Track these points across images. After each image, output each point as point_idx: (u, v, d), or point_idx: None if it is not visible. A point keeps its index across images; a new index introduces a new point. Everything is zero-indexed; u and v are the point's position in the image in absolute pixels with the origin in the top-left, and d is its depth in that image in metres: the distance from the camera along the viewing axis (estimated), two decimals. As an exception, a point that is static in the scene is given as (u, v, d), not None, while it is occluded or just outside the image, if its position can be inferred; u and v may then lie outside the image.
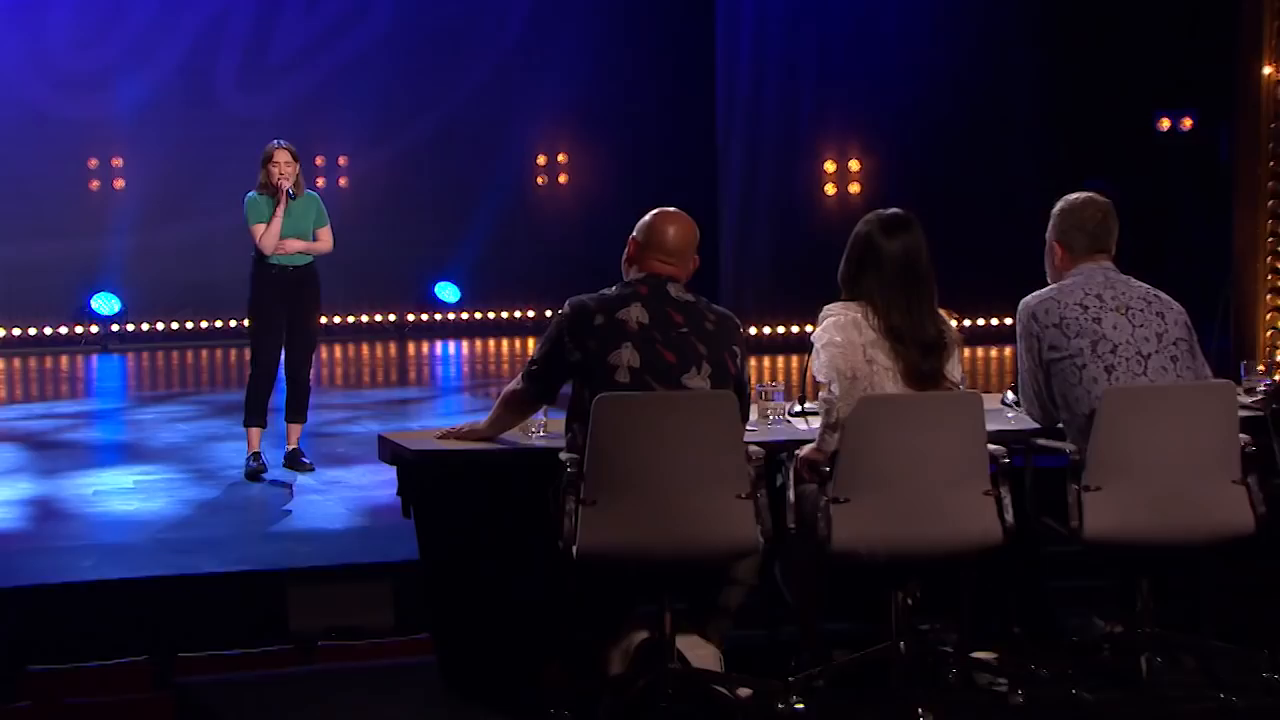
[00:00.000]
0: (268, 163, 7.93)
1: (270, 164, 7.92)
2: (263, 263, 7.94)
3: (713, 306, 4.62)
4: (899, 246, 4.64)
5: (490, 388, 12.05)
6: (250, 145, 11.34)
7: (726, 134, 14.04)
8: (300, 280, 7.97)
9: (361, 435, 9.34)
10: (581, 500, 4.37)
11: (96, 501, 7.53)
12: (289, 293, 7.93)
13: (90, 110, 14.33)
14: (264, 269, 7.95)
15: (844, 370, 4.57)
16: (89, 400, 12.12)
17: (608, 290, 4.58)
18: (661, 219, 4.64)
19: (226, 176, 13.77)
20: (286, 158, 7.92)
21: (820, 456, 4.56)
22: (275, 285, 7.92)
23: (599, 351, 4.46)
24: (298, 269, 7.96)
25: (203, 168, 14.34)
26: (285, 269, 7.93)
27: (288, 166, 7.91)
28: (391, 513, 5.96)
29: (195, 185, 14.33)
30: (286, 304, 7.93)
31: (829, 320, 4.65)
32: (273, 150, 7.95)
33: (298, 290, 7.96)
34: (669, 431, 4.35)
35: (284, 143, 7.99)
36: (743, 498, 4.41)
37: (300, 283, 7.97)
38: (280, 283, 7.92)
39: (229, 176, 13.63)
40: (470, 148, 15.32)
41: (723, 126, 14.06)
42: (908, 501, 4.47)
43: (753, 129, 13.95)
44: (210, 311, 14.75)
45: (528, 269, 15.42)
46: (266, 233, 7.87)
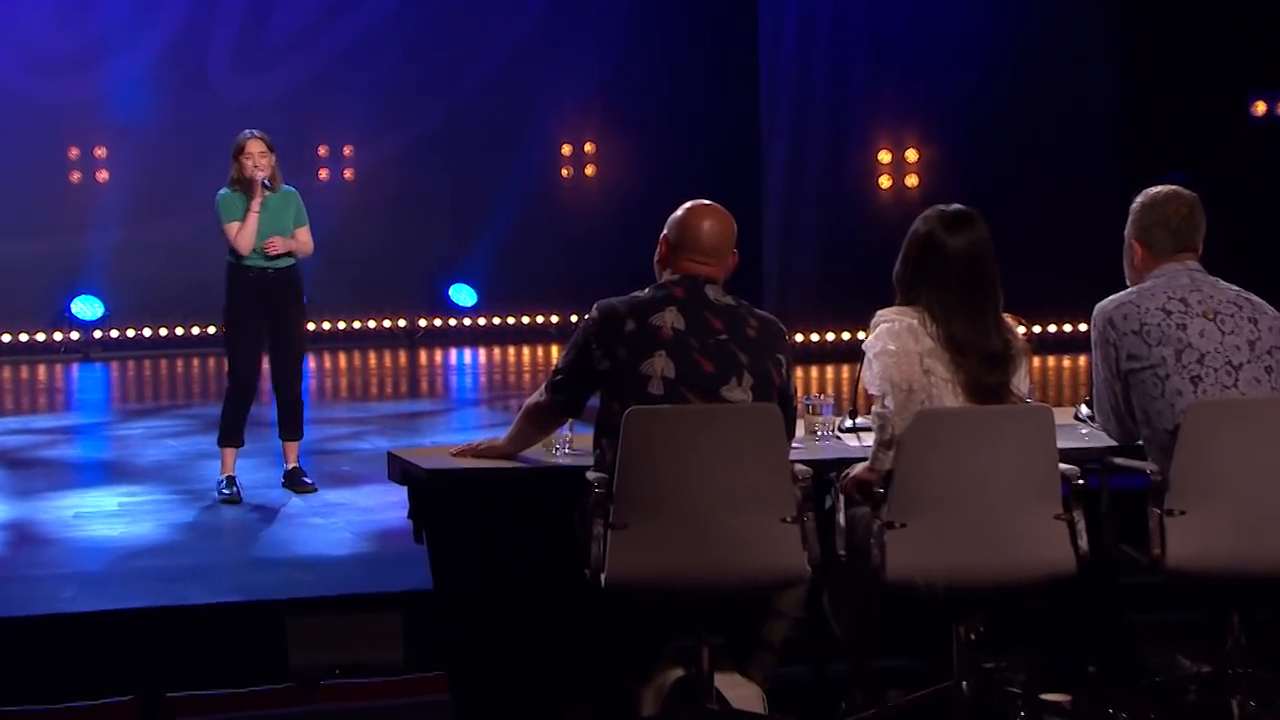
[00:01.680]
0: (239, 155, 7.91)
1: (242, 156, 7.90)
2: (239, 265, 7.91)
3: (755, 311, 4.63)
4: (961, 246, 4.64)
5: (510, 400, 12.08)
6: (246, 133, 11.44)
7: (770, 120, 14.05)
8: (281, 283, 7.94)
9: (368, 452, 9.37)
10: (611, 524, 4.38)
11: (77, 525, 7.57)
12: (269, 298, 7.91)
13: (70, 94, 14.39)
14: (240, 272, 7.91)
15: (899, 382, 4.57)
16: (69, 414, 12.19)
17: (639, 293, 4.59)
18: (695, 214, 4.65)
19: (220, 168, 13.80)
20: (260, 148, 7.90)
21: (873, 476, 4.57)
22: (253, 289, 7.89)
23: (630, 360, 4.47)
24: (278, 271, 7.94)
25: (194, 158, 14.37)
26: (264, 271, 7.90)
27: (262, 158, 7.89)
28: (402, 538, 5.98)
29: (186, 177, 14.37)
30: (267, 310, 7.90)
31: (883, 327, 4.65)
32: (244, 141, 7.93)
33: (279, 294, 7.93)
34: (707, 448, 4.36)
35: (257, 132, 7.97)
36: (788, 521, 4.42)
37: (281, 286, 7.94)
38: (259, 286, 7.90)
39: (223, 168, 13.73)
40: (488, 136, 15.36)
41: (766, 112, 14.07)
42: (970, 526, 4.47)
43: (799, 114, 13.96)
44: (202, 316, 14.80)
45: (551, 270, 15.45)
46: (242, 231, 7.84)
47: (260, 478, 8.24)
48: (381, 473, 5.35)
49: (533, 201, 15.49)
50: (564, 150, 15.92)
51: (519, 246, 15.41)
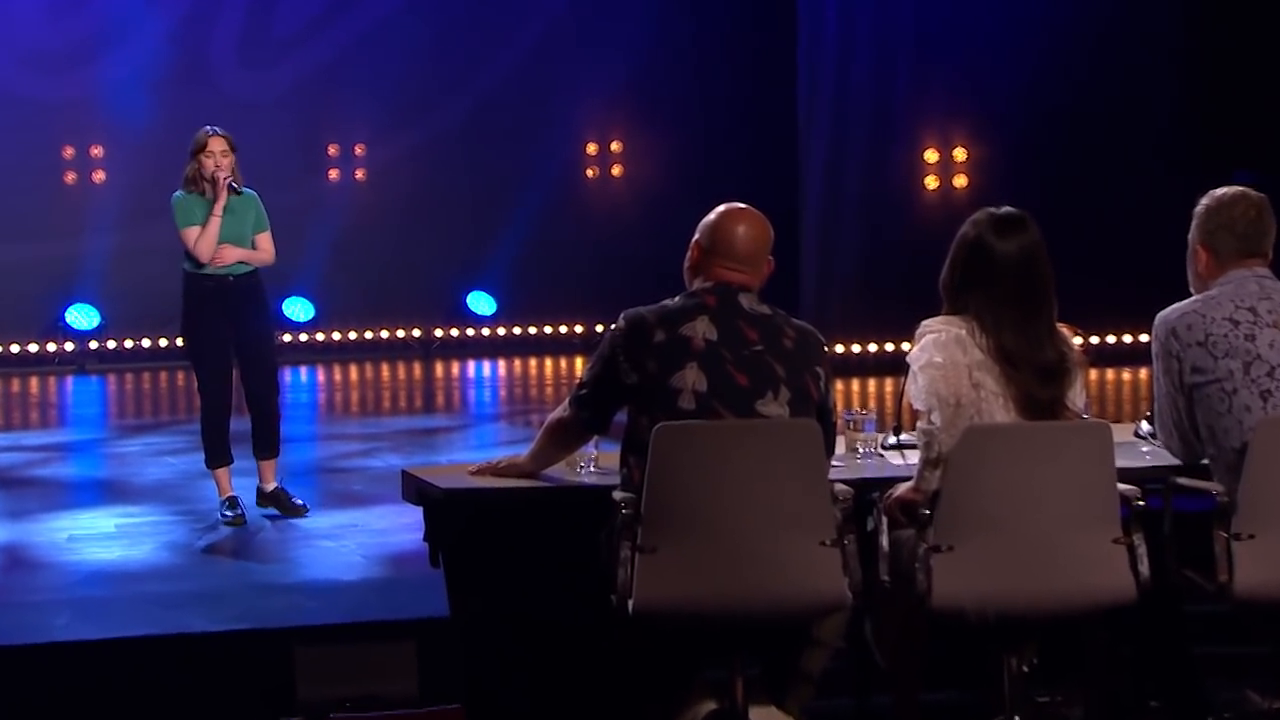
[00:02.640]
0: (199, 153, 7.88)
1: (203, 154, 7.87)
2: (197, 274, 7.87)
3: (792, 320, 4.64)
4: (1012, 251, 4.64)
5: (531, 415, 12.09)
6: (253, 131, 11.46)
7: (809, 117, 14.05)
8: (243, 291, 7.91)
9: (381, 471, 9.40)
10: (639, 547, 4.39)
11: (71, 549, 7.60)
12: (232, 307, 7.87)
13: (64, 90, 14.45)
14: (198, 282, 7.87)
15: (946, 396, 4.57)
16: (62, 430, 12.25)
17: (669, 301, 4.61)
18: (729, 218, 4.66)
19: (223, 168, 13.94)
20: (223, 146, 7.88)
21: (918, 497, 4.57)
22: (214, 299, 7.86)
23: (659, 373, 4.48)
24: (239, 278, 7.90)
25: (196, 158, 14.48)
26: (224, 279, 7.86)
27: (224, 157, 7.86)
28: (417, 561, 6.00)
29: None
30: (230, 320, 7.87)
31: (928, 338, 4.66)
32: (205, 138, 7.90)
33: (242, 303, 7.90)
34: (741, 466, 4.37)
35: (218, 129, 7.94)
36: (827, 545, 4.43)
37: (243, 294, 7.91)
38: (220, 296, 7.86)
39: (226, 168, 13.80)
40: (508, 134, 15.38)
41: (804, 108, 14.07)
42: (1023, 550, 4.47)
43: (840, 110, 13.96)
44: (204, 326, 14.87)
45: (575, 276, 15.47)
46: (202, 237, 7.79)
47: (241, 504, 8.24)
48: (395, 492, 5.37)
49: (556, 204, 15.51)
50: (589, 149, 15.95)
51: (541, 252, 15.43)
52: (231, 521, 7.90)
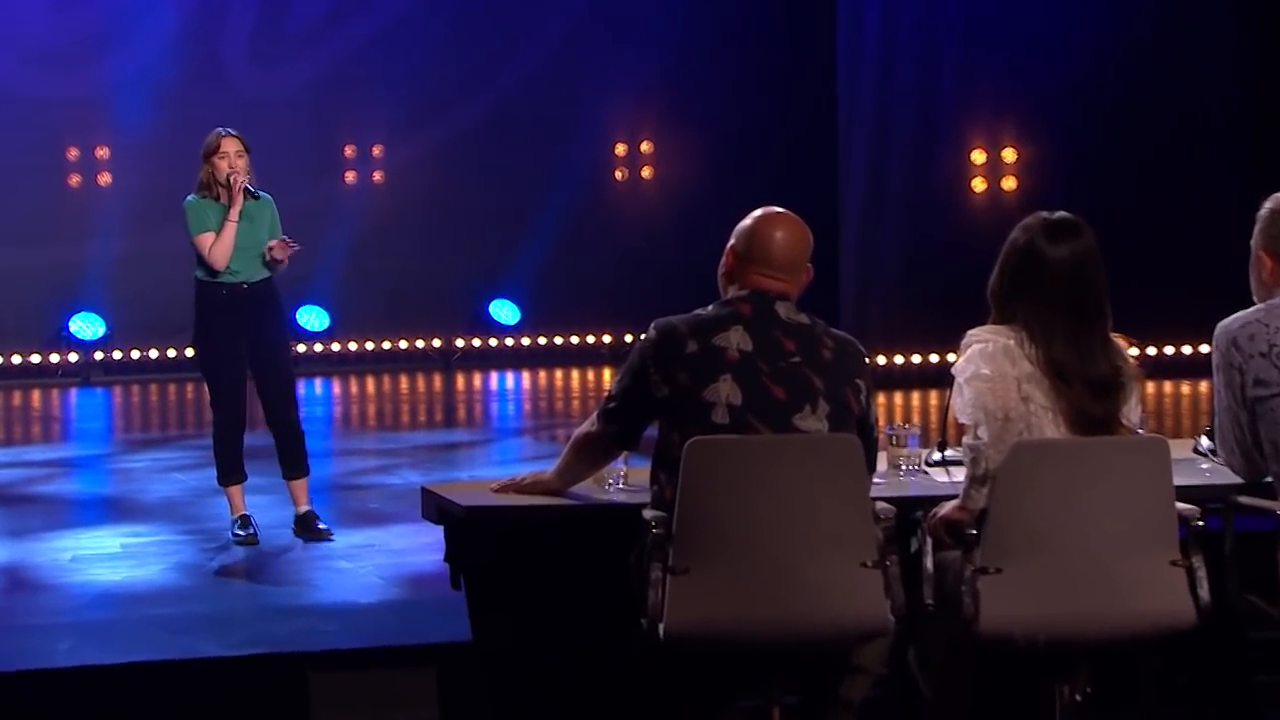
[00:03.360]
0: (212, 155, 7.89)
1: (217, 157, 7.88)
2: (211, 282, 7.88)
3: (831, 330, 4.64)
4: (1065, 257, 4.64)
5: (557, 430, 12.11)
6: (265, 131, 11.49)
7: (850, 115, 14.05)
8: (258, 299, 7.91)
9: (399, 488, 9.42)
10: (670, 568, 4.40)
11: (75, 569, 7.64)
12: (246, 317, 7.88)
13: (69, 88, 14.52)
14: (212, 290, 7.88)
15: (994, 410, 4.57)
16: (66, 445, 12.30)
17: (702, 310, 4.61)
18: (766, 223, 4.66)
19: (235, 170, 13.98)
20: (237, 147, 7.89)
21: (965, 516, 4.57)
22: (228, 309, 7.87)
23: (692, 385, 4.49)
24: (253, 286, 7.91)
25: (206, 160, 14.53)
26: (239, 287, 7.87)
27: (239, 159, 7.88)
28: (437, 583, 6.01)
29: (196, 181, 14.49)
30: (245, 331, 7.87)
31: (975, 348, 4.65)
32: (217, 140, 7.91)
33: (257, 312, 7.90)
34: (777, 483, 4.37)
35: (231, 130, 7.96)
36: (868, 566, 4.43)
37: (259, 302, 7.91)
38: (234, 305, 7.87)
39: (238, 170, 13.84)
40: (533, 134, 15.41)
41: (845, 106, 14.07)
42: (1075, 573, 4.46)
43: (882, 108, 13.95)
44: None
45: (603, 284, 15.49)
46: (217, 244, 7.79)
47: (277, 516, 8.29)
48: (414, 511, 5.39)
49: (583, 207, 15.53)
50: (618, 149, 15.97)
51: (567, 258, 15.45)
52: (243, 541, 7.92)
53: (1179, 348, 13.87)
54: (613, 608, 4.65)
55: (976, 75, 14.01)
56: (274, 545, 7.97)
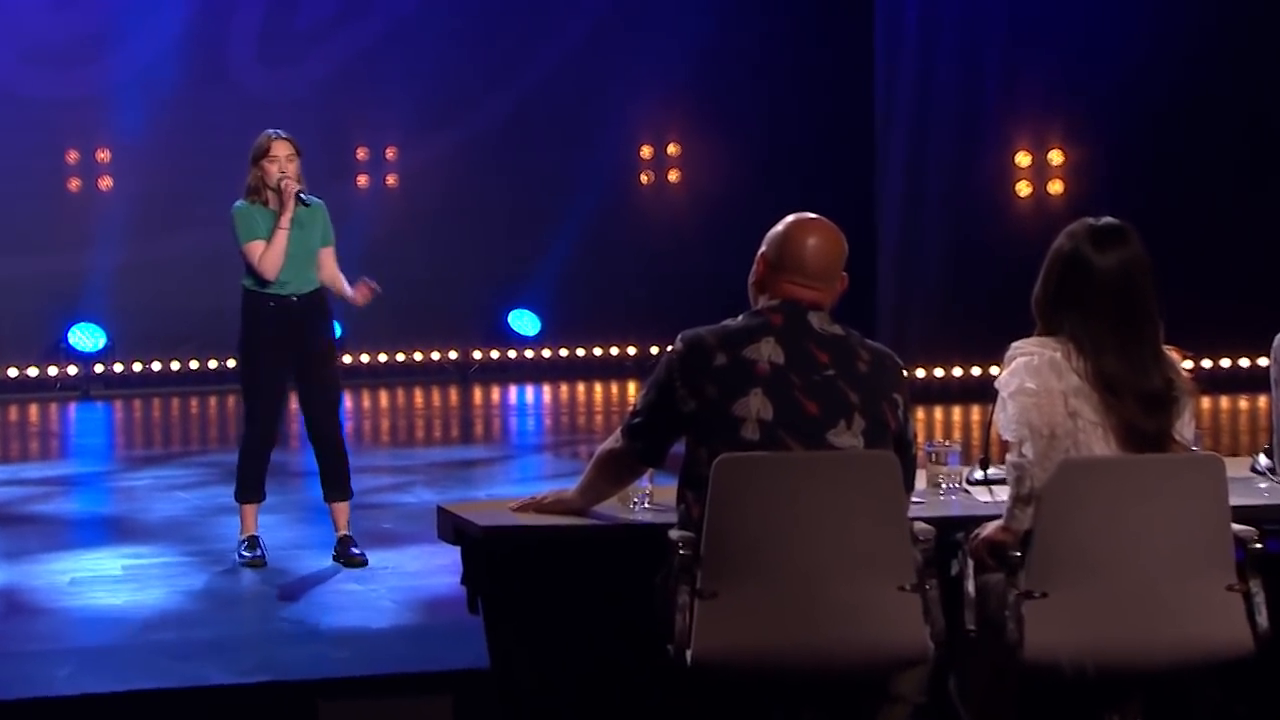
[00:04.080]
0: (262, 159, 7.86)
1: (266, 160, 7.85)
2: (258, 293, 7.90)
3: (866, 342, 4.64)
4: (1112, 266, 4.64)
5: (579, 446, 12.12)
6: (272, 134, 11.53)
7: (887, 117, 14.05)
8: (307, 312, 7.93)
9: (414, 507, 9.44)
10: (698, 591, 4.40)
11: (74, 593, 7.65)
12: (294, 330, 7.89)
13: (69, 88, 14.56)
14: (260, 301, 7.90)
15: (1039, 426, 4.57)
16: (65, 462, 12.33)
17: (731, 321, 4.61)
18: (799, 230, 4.67)
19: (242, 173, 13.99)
20: (288, 150, 7.86)
21: (1008, 537, 4.57)
22: (275, 321, 7.88)
23: (720, 399, 4.49)
24: (302, 298, 7.92)
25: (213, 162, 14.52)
26: (287, 299, 7.89)
27: (290, 162, 7.85)
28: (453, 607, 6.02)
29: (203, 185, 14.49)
30: (291, 345, 7.89)
31: (1019, 361, 4.66)
32: (268, 141, 7.88)
33: (305, 326, 7.92)
34: (810, 503, 4.38)
35: (283, 132, 7.93)
36: (907, 590, 4.43)
37: (307, 316, 7.93)
38: (281, 317, 7.88)
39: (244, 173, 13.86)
40: (555, 136, 15.43)
41: (882, 106, 14.07)
42: (1124, 597, 4.46)
43: (922, 108, 13.95)
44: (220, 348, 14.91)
45: (628, 293, 15.50)
46: (268, 253, 7.80)
47: (287, 537, 8.30)
48: (429, 531, 5.40)
49: (606, 213, 15.54)
50: (643, 152, 15.99)
51: (590, 266, 15.47)
52: (250, 563, 7.93)
53: (1235, 361, 13.83)
54: (638, 633, 4.66)
55: (1021, 73, 14.00)
56: (282, 567, 7.99)
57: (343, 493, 8.06)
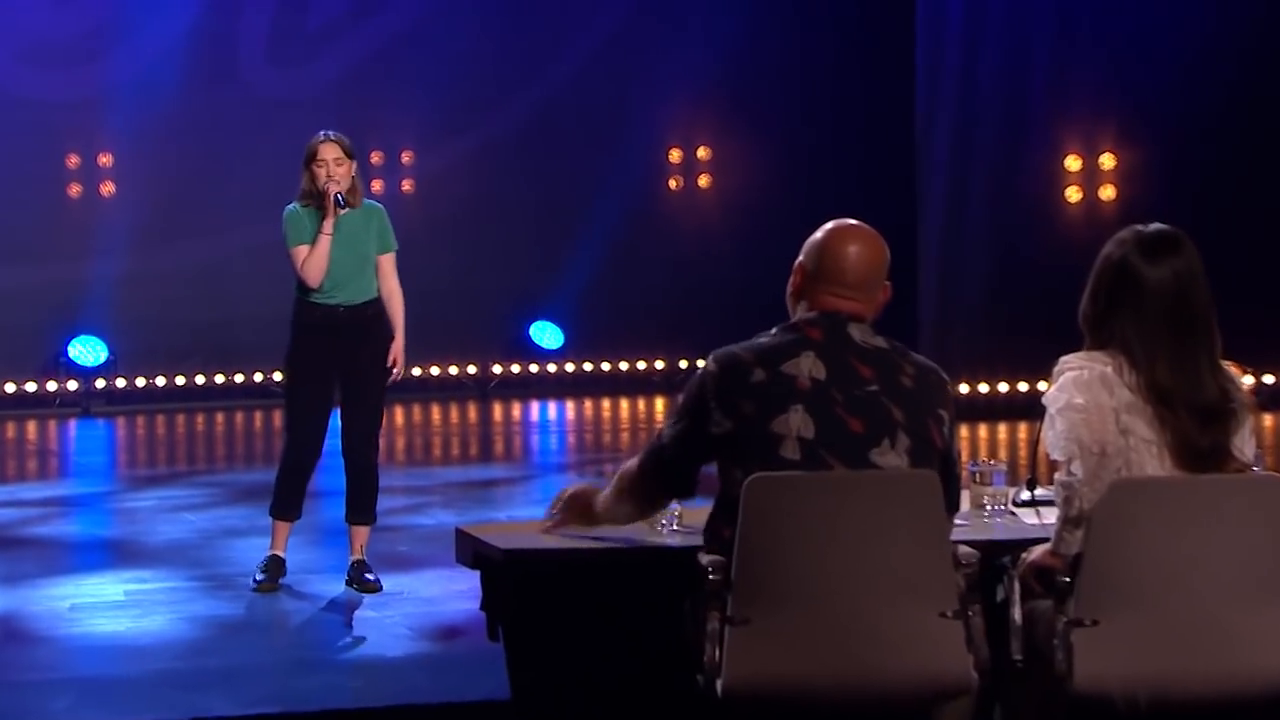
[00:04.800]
0: (311, 162, 7.92)
1: (315, 164, 7.90)
2: (305, 301, 7.96)
3: (910, 355, 4.63)
4: (1166, 275, 4.63)
5: (604, 465, 12.12)
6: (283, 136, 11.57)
7: (928, 117, 14.05)
8: (358, 324, 7.96)
9: (431, 529, 9.45)
10: (729, 618, 4.40)
11: (74, 619, 7.67)
12: (341, 342, 7.92)
13: (69, 89, 14.60)
14: (307, 309, 7.96)
15: (1089, 443, 4.57)
16: (64, 482, 12.36)
17: (764, 336, 4.58)
18: (838, 238, 4.66)
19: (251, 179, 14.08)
20: (336, 153, 7.91)
21: (1057, 561, 4.56)
22: (321, 332, 7.93)
23: (759, 417, 4.47)
24: (352, 309, 7.96)
25: (220, 167, 14.61)
26: (335, 309, 7.93)
27: (338, 166, 7.90)
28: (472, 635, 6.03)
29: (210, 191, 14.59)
30: (338, 356, 7.92)
31: (1068, 376, 4.65)
32: (317, 145, 7.93)
33: (355, 338, 7.94)
34: (848, 525, 4.37)
35: (333, 134, 7.98)
36: (949, 617, 4.42)
37: (357, 328, 7.96)
38: (329, 327, 7.92)
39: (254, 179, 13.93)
40: (578, 139, 15.46)
41: (924, 107, 14.07)
42: (1179, 625, 4.45)
43: (965, 110, 13.95)
44: (226, 361, 14.99)
45: (656, 305, 15.51)
46: (310, 259, 7.86)
47: (299, 560, 8.31)
48: (447, 554, 5.40)
49: (633, 220, 15.56)
50: (672, 156, 16.01)
51: (616, 275, 15.48)
52: (260, 586, 7.94)
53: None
54: (666, 662, 4.66)
55: (1071, 72, 13.99)
56: (293, 593, 8.00)
57: (366, 516, 8.08)
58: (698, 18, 15.55)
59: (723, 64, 15.58)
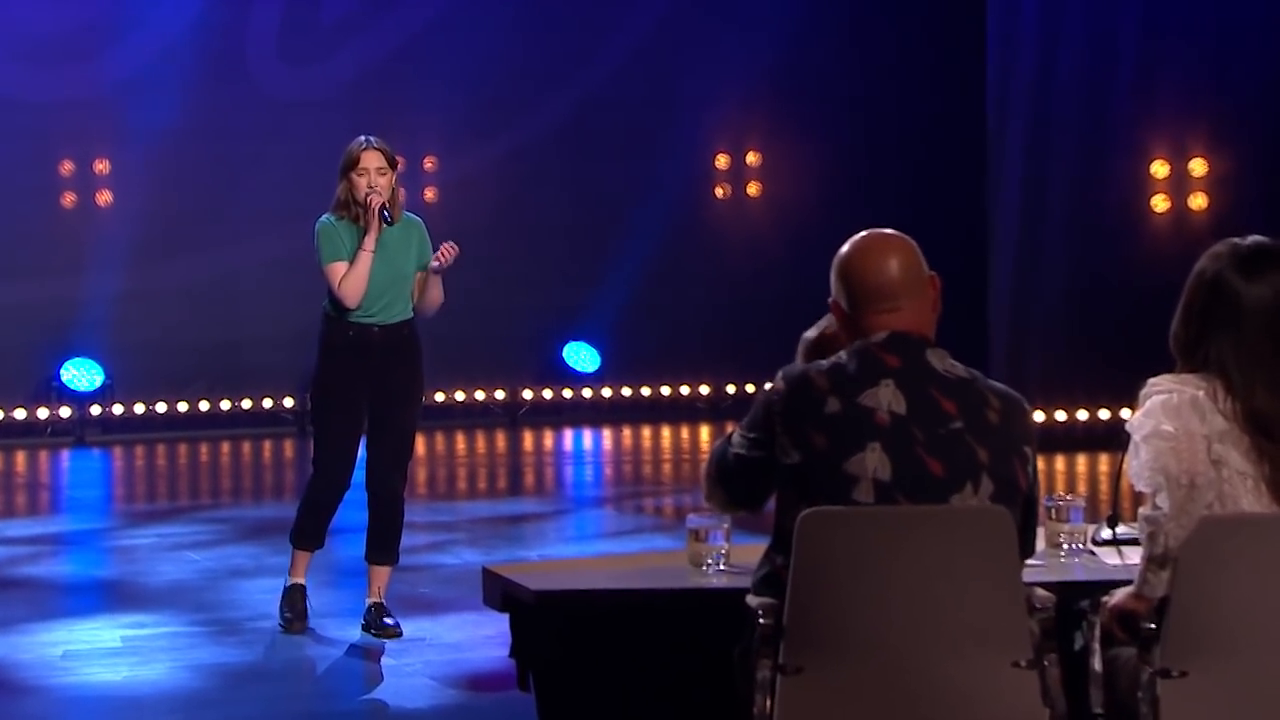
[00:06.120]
0: (350, 170, 7.94)
1: (355, 172, 7.93)
2: (337, 319, 8.01)
3: (993, 385, 4.56)
4: (1266, 293, 4.62)
5: (644, 500, 12.12)
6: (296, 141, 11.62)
7: (1000, 120, 14.04)
8: (391, 346, 8.02)
9: (455, 569, 9.47)
10: (781, 666, 4.40)
11: (67, 668, 7.69)
12: (373, 364, 7.97)
13: (63, 89, 14.63)
14: (338, 329, 8.01)
15: (1177, 474, 4.55)
16: (56, 517, 12.39)
17: (841, 358, 4.52)
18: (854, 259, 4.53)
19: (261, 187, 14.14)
20: (379, 162, 7.94)
21: (1141, 605, 4.55)
22: (353, 352, 7.97)
23: (831, 453, 4.44)
24: (386, 329, 8.01)
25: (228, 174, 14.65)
26: (369, 329, 7.98)
27: (380, 175, 7.93)
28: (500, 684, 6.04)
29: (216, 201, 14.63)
30: (369, 379, 7.98)
31: (1156, 400, 4.64)
32: (358, 152, 7.96)
33: (387, 359, 8.00)
34: (912, 566, 4.37)
35: (375, 140, 8.01)
36: (1022, 666, 4.42)
37: (390, 349, 8.02)
38: (362, 349, 7.97)
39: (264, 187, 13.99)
40: (617, 143, 15.48)
41: (995, 109, 14.06)
42: (1276, 677, 4.44)
43: (1040, 112, 13.93)
44: (233, 387, 15.02)
45: (701, 324, 15.51)
46: (349, 276, 7.88)
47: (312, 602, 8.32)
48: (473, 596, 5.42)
49: (676, 231, 15.57)
50: (719, 162, 16.01)
51: (657, 292, 15.49)
52: (289, 627, 7.98)
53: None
54: (712, 715, 4.66)
55: (1159, 70, 13.96)
56: (304, 638, 8.02)
57: (389, 556, 8.11)
58: (747, 10, 15.56)
59: (775, 61, 15.59)
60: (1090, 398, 13.73)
